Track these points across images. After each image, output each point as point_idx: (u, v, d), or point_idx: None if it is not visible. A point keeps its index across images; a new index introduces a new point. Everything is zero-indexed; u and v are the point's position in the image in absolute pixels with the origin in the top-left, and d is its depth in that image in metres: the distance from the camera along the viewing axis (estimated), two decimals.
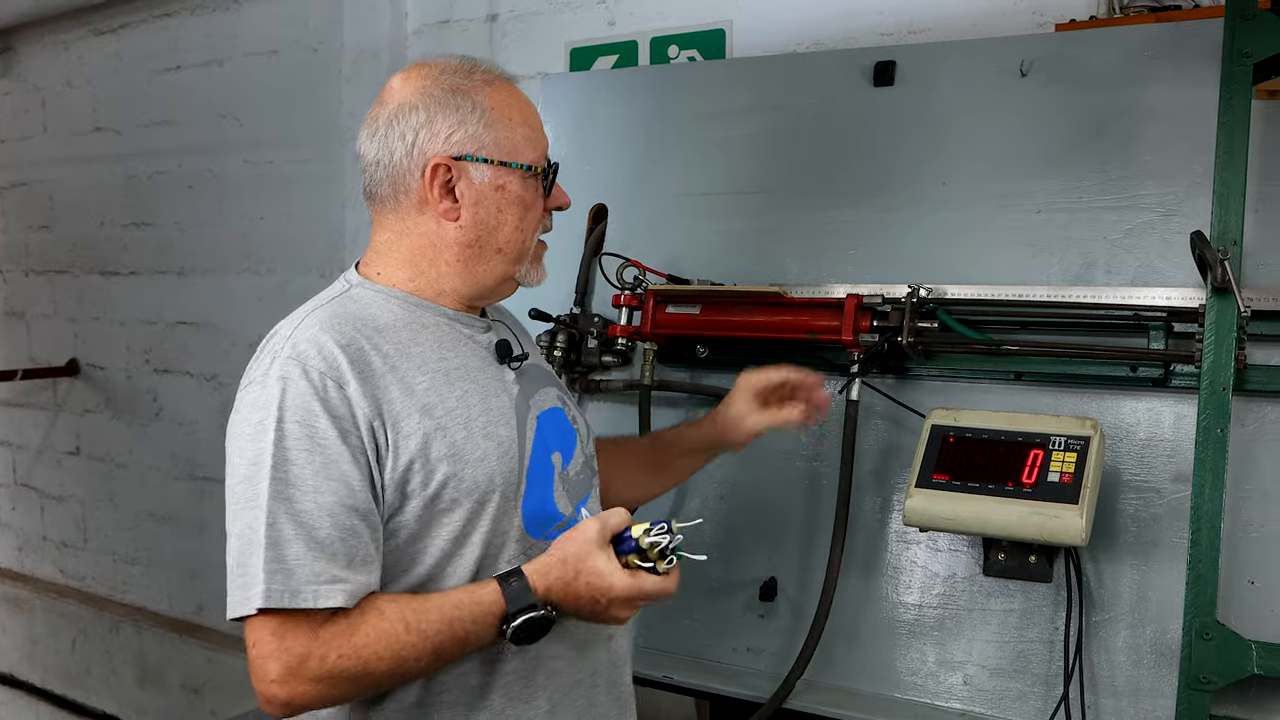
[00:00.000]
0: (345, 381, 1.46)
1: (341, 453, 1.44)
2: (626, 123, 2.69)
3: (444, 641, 1.44)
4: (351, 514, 1.43)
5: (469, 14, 3.75)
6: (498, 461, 1.56)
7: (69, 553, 5.53)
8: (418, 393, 1.52)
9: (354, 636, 1.41)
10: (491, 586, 1.47)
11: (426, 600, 1.46)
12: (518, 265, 1.64)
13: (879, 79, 2.38)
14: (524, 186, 1.61)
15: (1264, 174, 1.95)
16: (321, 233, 4.12)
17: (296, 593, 1.39)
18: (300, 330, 1.51)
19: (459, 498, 1.52)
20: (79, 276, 5.27)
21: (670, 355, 2.42)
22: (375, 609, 1.43)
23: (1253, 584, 1.88)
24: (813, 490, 2.25)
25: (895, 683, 2.09)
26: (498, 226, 1.60)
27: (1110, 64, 2.17)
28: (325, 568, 1.40)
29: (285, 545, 1.40)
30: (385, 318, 1.57)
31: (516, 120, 1.61)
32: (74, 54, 5.14)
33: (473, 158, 1.57)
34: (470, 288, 1.63)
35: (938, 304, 2.12)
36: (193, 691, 4.90)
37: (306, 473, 1.42)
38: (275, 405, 1.44)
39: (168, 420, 4.94)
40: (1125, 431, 2.02)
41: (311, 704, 1.43)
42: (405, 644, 1.42)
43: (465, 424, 1.54)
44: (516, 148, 1.60)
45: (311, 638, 1.40)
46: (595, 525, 1.47)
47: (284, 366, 1.46)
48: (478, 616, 1.45)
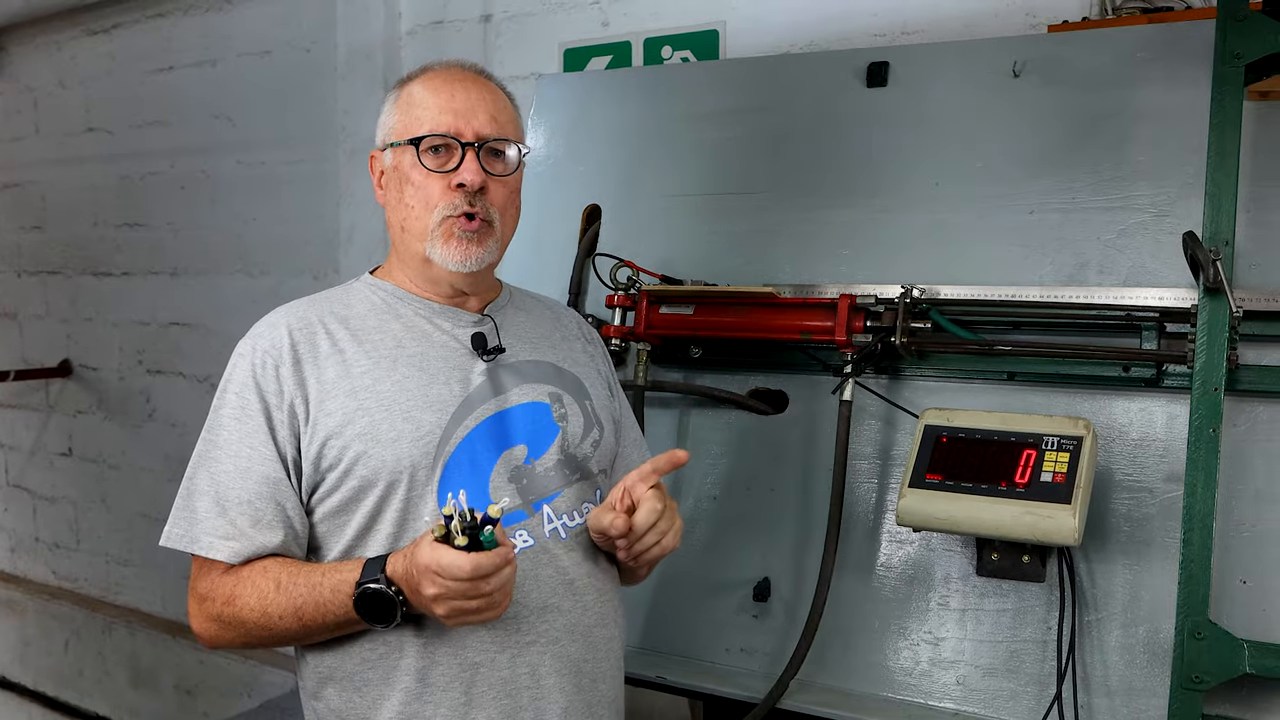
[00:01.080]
0: (281, 361, 1.61)
1: (261, 424, 1.59)
2: (620, 123, 2.69)
3: (303, 604, 1.55)
4: (262, 481, 1.58)
5: (463, 14, 3.75)
6: (410, 444, 1.60)
7: (61, 554, 5.52)
8: (353, 375, 1.62)
9: (235, 587, 1.58)
10: (356, 563, 1.55)
11: (305, 569, 1.58)
12: (422, 242, 1.67)
13: (872, 80, 2.39)
14: (411, 162, 1.66)
15: (1256, 175, 1.96)
16: (315, 234, 4.12)
17: (195, 540, 1.60)
18: (270, 315, 1.69)
19: (370, 476, 1.59)
20: (71, 277, 5.26)
21: (664, 356, 2.42)
22: (262, 567, 1.58)
23: (1245, 583, 1.88)
24: (806, 490, 2.25)
25: (889, 682, 2.09)
26: (397, 204, 1.69)
27: (1102, 65, 2.18)
28: (224, 525, 1.58)
29: (197, 497, 1.61)
30: (361, 307, 1.71)
31: (418, 102, 1.67)
32: (66, 54, 5.13)
33: (383, 145, 1.71)
34: (413, 271, 1.71)
35: (931, 304, 2.13)
36: (185, 693, 4.89)
37: (233, 438, 1.60)
38: (226, 378, 1.64)
39: (161, 421, 4.93)
40: (1118, 431, 2.03)
41: (215, 641, 1.63)
42: (271, 601, 1.55)
43: (388, 406, 1.61)
44: (408, 126, 1.67)
45: (208, 579, 1.61)
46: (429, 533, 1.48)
47: (242, 344, 1.66)
48: (335, 585, 1.53)
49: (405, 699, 1.59)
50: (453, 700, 1.59)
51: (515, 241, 2.74)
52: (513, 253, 2.68)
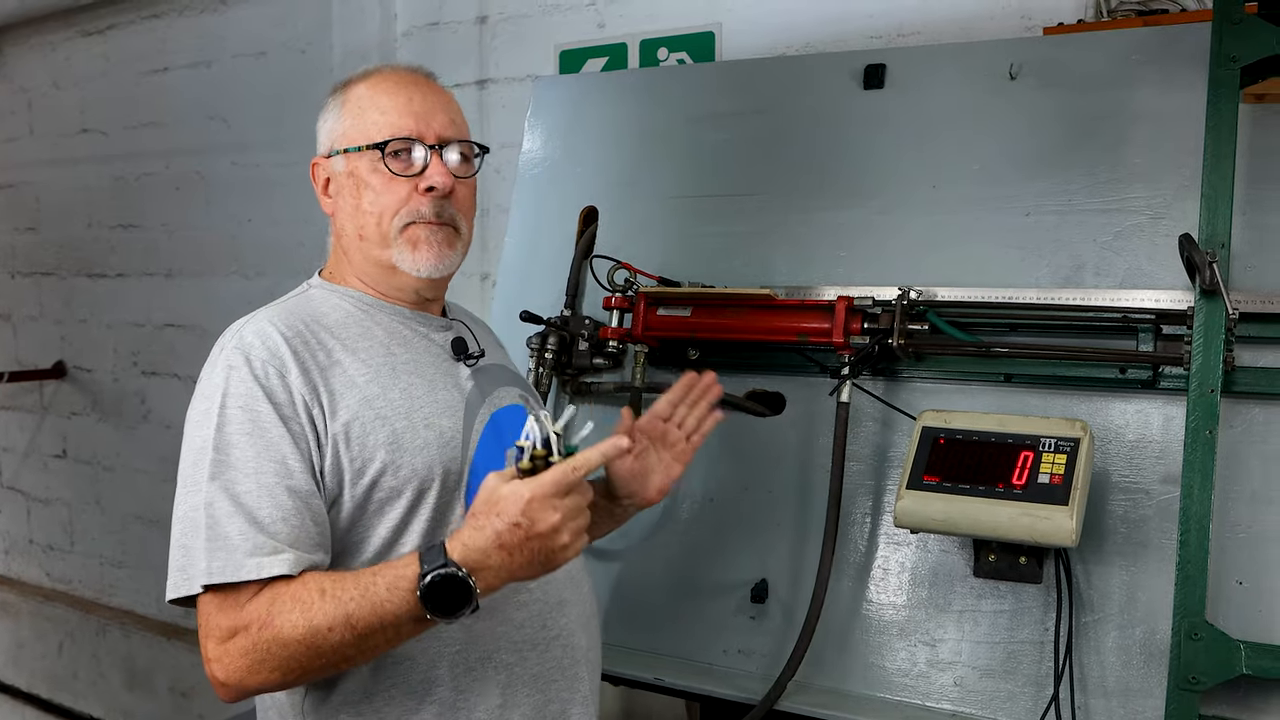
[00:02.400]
0: (287, 369, 1.50)
1: (282, 435, 1.47)
2: (616, 125, 2.69)
3: (355, 609, 1.38)
4: (292, 495, 1.45)
5: (458, 16, 3.75)
6: (438, 450, 1.57)
7: (56, 556, 5.50)
8: (359, 384, 1.55)
9: (272, 605, 1.40)
10: (409, 556, 1.41)
11: (349, 573, 1.44)
12: (384, 249, 1.63)
13: (869, 82, 2.39)
14: (370, 167, 1.61)
15: (1251, 177, 1.96)
16: (310, 235, 4.11)
17: (240, 566, 1.40)
18: (249, 323, 1.56)
19: (399, 486, 1.54)
20: (66, 278, 5.25)
21: (661, 357, 2.42)
22: (300, 580, 1.42)
23: (1241, 584, 1.88)
24: (804, 492, 2.25)
25: (886, 684, 2.10)
26: (353, 212, 1.64)
27: (1098, 67, 2.18)
28: (267, 541, 1.42)
29: (226, 523, 1.42)
30: (335, 315, 1.63)
31: (371, 105, 1.63)
32: (61, 55, 5.12)
33: (331, 152, 1.66)
34: (374, 279, 1.66)
35: (928, 306, 2.13)
36: (180, 695, 4.88)
37: (248, 455, 1.45)
38: (220, 392, 1.48)
39: (155, 423, 4.92)
40: (1114, 433, 2.03)
41: (245, 682, 1.41)
42: (318, 610, 1.38)
43: (407, 414, 1.57)
44: (364, 131, 1.62)
45: (237, 611, 1.40)
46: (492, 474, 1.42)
47: (230, 355, 1.51)
48: (391, 582, 1.38)
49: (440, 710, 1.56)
50: (490, 705, 1.58)
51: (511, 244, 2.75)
52: (509, 255, 2.70)
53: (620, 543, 2.34)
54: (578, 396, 2.53)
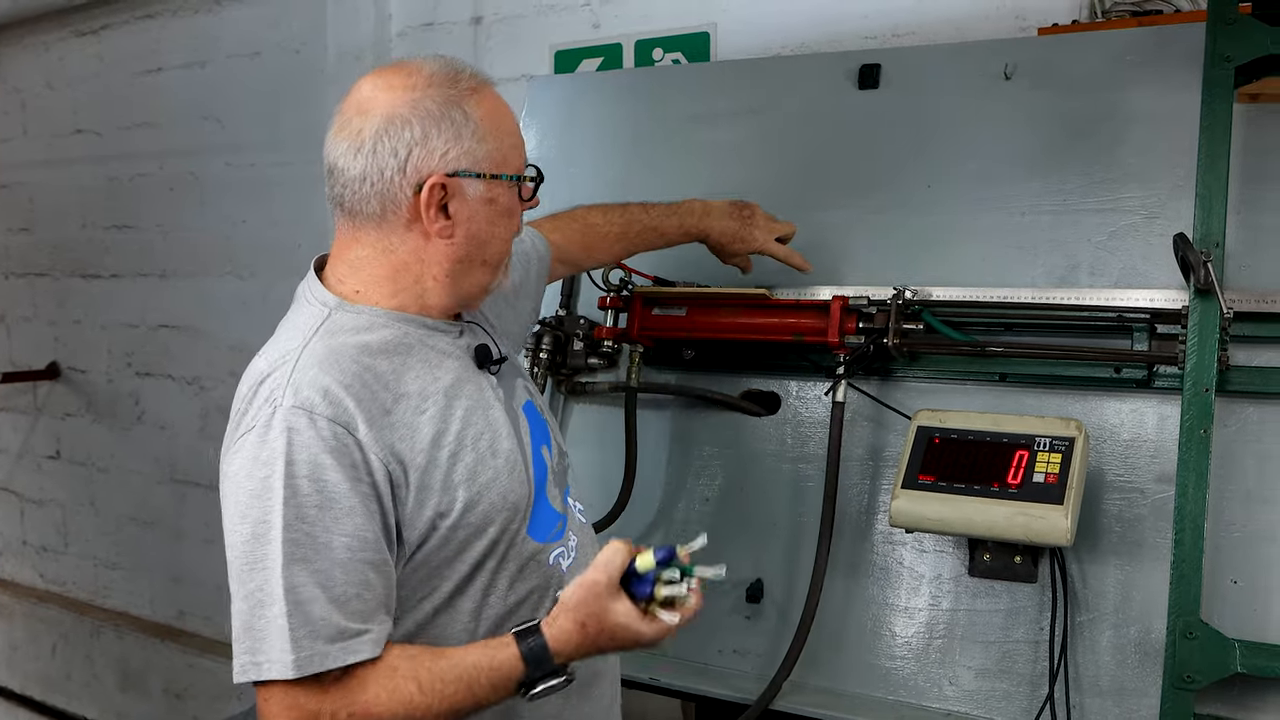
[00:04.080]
0: (355, 426, 1.41)
1: (354, 504, 1.40)
2: (611, 125, 2.69)
3: (460, 702, 1.42)
4: (366, 567, 1.40)
5: (453, 16, 3.74)
6: (509, 479, 1.55)
7: (49, 557, 5.49)
8: (423, 422, 1.48)
9: (365, 694, 1.38)
10: (510, 651, 1.43)
11: (440, 658, 1.43)
12: (498, 274, 1.61)
13: (864, 82, 2.39)
14: (509, 197, 1.57)
15: (1246, 177, 1.97)
16: (305, 236, 4.10)
17: (325, 655, 1.36)
18: (300, 373, 1.43)
19: (480, 523, 1.51)
20: (59, 279, 5.24)
21: (656, 357, 2.42)
22: (387, 666, 1.40)
23: (1236, 583, 1.89)
24: (799, 492, 2.25)
25: (881, 683, 2.10)
26: (488, 240, 1.56)
27: (1093, 68, 2.18)
28: (347, 624, 1.38)
29: (308, 607, 1.36)
30: (374, 341, 1.51)
31: (504, 130, 1.56)
32: (54, 55, 5.11)
33: (467, 173, 1.51)
34: (453, 300, 1.59)
35: (923, 306, 2.13)
36: (175, 696, 4.87)
37: (319, 529, 1.38)
38: (282, 459, 1.38)
39: (150, 424, 4.91)
40: (1109, 432, 2.03)
41: None
42: (418, 704, 1.40)
43: (474, 446, 1.52)
44: (505, 158, 1.55)
45: (323, 696, 1.37)
46: (603, 579, 1.43)
47: (289, 416, 1.40)
48: (496, 682, 1.43)
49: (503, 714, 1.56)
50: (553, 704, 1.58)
51: None
52: None
53: None
54: (573, 396, 2.53)
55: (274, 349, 1.52)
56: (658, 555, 1.44)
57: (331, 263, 1.61)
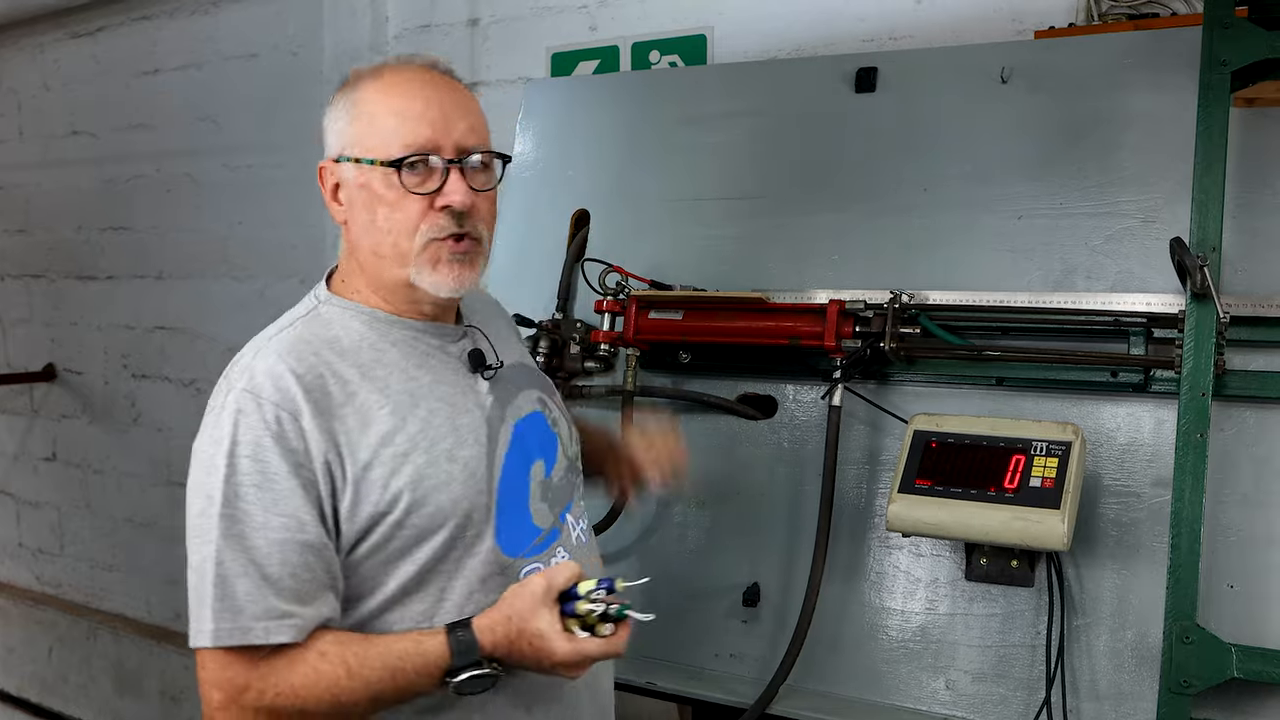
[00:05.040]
0: (300, 414, 1.44)
1: (292, 488, 1.42)
2: (608, 128, 2.69)
3: (384, 689, 1.43)
4: (304, 550, 1.42)
5: (450, 18, 3.74)
6: (463, 486, 1.52)
7: (45, 559, 5.48)
8: (378, 420, 1.48)
9: (293, 676, 1.41)
10: (439, 639, 1.45)
11: (371, 645, 1.45)
12: (404, 268, 1.52)
13: (860, 85, 2.39)
14: (385, 183, 1.49)
15: (1242, 181, 1.96)
16: (301, 237, 4.10)
17: (246, 630, 1.39)
18: (259, 359, 1.48)
19: (425, 526, 1.49)
20: (56, 281, 5.23)
21: (653, 361, 2.41)
22: (317, 650, 1.42)
23: (1232, 588, 1.88)
24: (796, 496, 2.25)
25: (878, 688, 2.09)
26: (367, 228, 1.52)
27: (1089, 71, 2.18)
28: (275, 604, 1.40)
29: (234, 582, 1.40)
30: (349, 338, 1.54)
31: (385, 109, 1.50)
32: (50, 57, 5.10)
33: (342, 158, 1.54)
34: (387, 293, 1.56)
35: (920, 309, 2.13)
36: (171, 699, 4.86)
37: (255, 509, 1.41)
38: (228, 439, 1.42)
39: (146, 426, 4.90)
40: (1106, 436, 2.03)
41: None
42: (344, 689, 1.42)
43: (428, 449, 1.50)
44: (380, 142, 1.49)
45: (252, 670, 1.40)
46: (542, 583, 1.45)
47: (239, 399, 1.44)
48: (421, 668, 1.44)
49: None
50: None
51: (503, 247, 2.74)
52: (501, 258, 2.69)
53: (611, 546, 2.33)
54: (569, 400, 2.52)
55: (259, 336, 1.56)
56: (599, 584, 1.46)
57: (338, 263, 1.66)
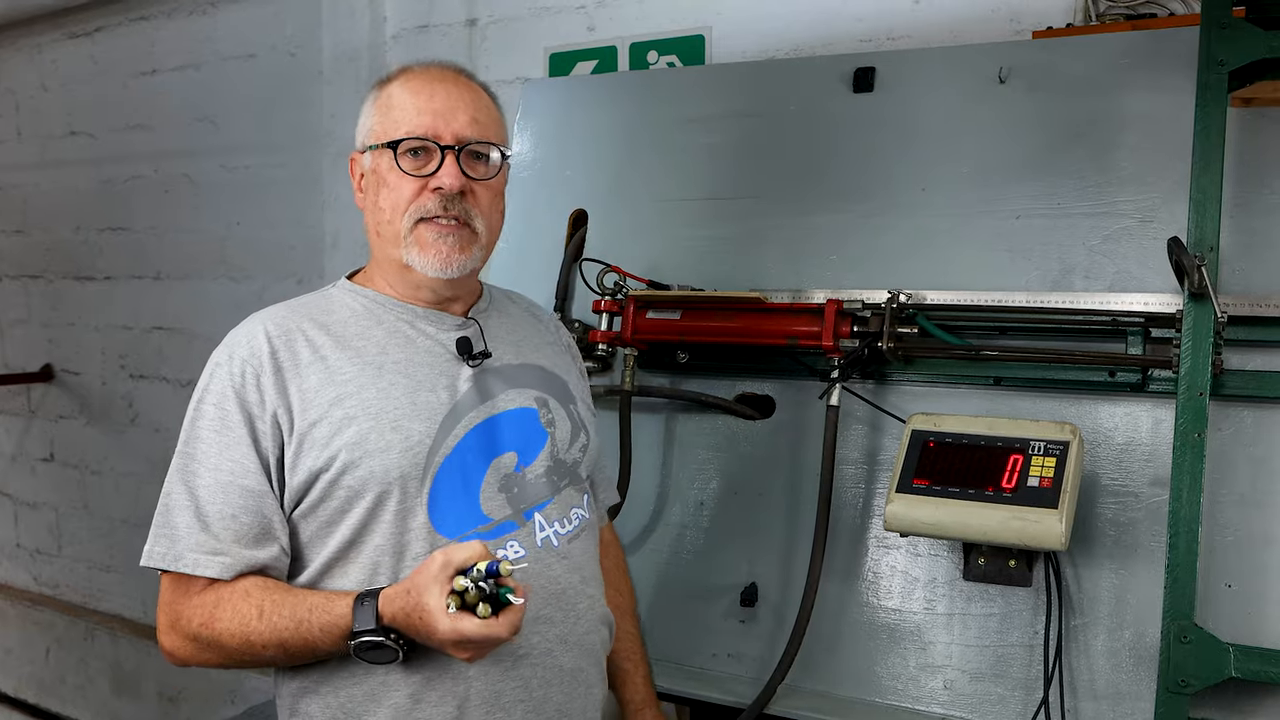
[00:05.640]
0: (262, 370, 1.57)
1: (242, 436, 1.55)
2: (606, 128, 2.69)
3: (290, 638, 1.50)
4: (245, 494, 1.54)
5: (448, 18, 3.74)
6: (400, 455, 1.57)
7: (43, 560, 5.48)
8: (337, 382, 1.58)
9: (215, 609, 1.52)
10: (345, 601, 1.49)
11: (288, 595, 1.53)
12: (396, 247, 1.63)
13: (858, 85, 2.39)
14: (388, 165, 1.63)
15: (1240, 180, 1.97)
16: (300, 238, 4.10)
17: (179, 558, 1.53)
18: (248, 320, 1.64)
19: (357, 487, 1.55)
20: (53, 281, 5.23)
21: (651, 361, 2.41)
22: (243, 589, 1.52)
23: (1230, 587, 1.88)
24: (793, 495, 2.25)
25: (876, 687, 2.09)
26: (374, 209, 1.67)
27: (1087, 71, 2.18)
28: (207, 540, 1.53)
29: (176, 513, 1.55)
30: (341, 313, 1.67)
31: (397, 103, 1.64)
32: (48, 57, 5.10)
33: (364, 147, 1.68)
34: (393, 277, 1.68)
35: (917, 309, 2.13)
36: (168, 699, 4.86)
37: (211, 450, 1.55)
38: (203, 388, 1.59)
39: (144, 426, 4.90)
40: (1104, 436, 2.03)
41: (188, 659, 1.57)
42: (254, 630, 1.51)
43: (376, 415, 1.57)
44: (389, 128, 1.63)
45: (185, 599, 1.54)
46: (441, 558, 1.42)
47: (219, 353, 1.61)
48: (325, 625, 1.49)
49: (394, 714, 1.55)
50: (445, 715, 1.56)
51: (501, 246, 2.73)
52: (499, 258, 2.69)
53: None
54: None
55: None
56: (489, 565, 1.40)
57: None
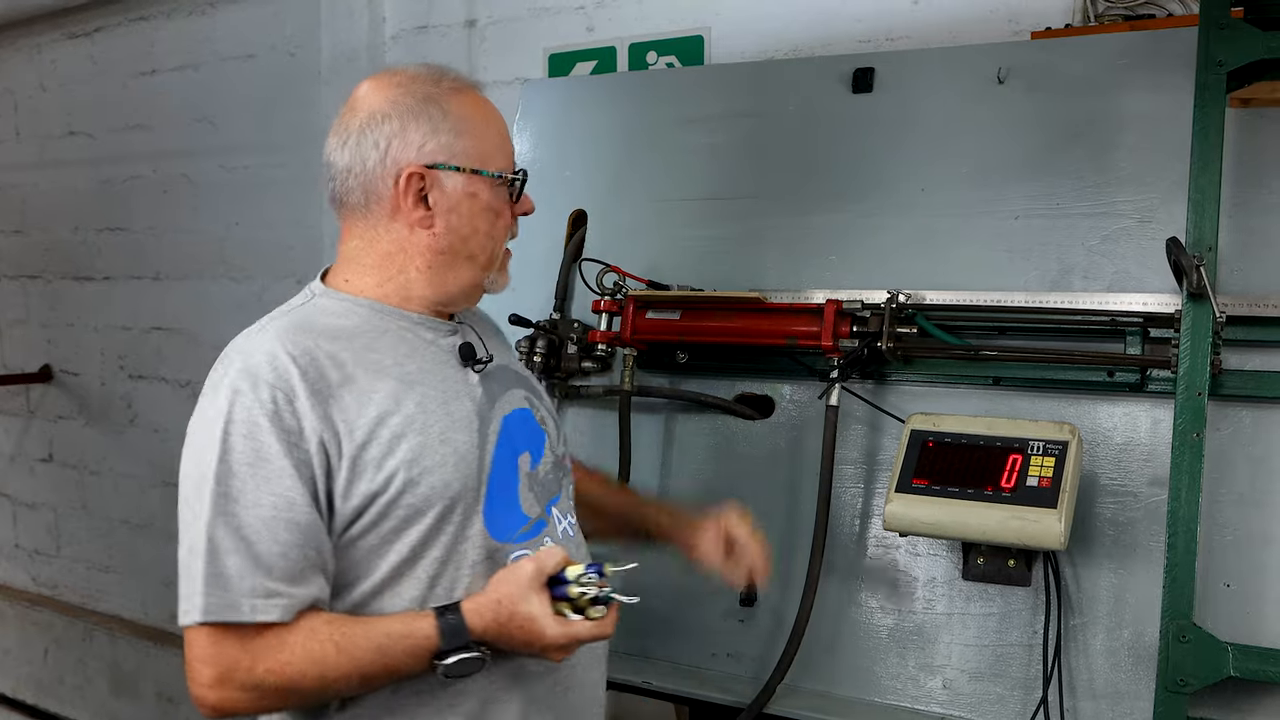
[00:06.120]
0: (295, 395, 1.46)
1: (285, 467, 1.44)
2: (605, 128, 2.69)
3: (372, 669, 1.46)
4: (293, 529, 1.44)
5: (447, 19, 3.74)
6: (455, 468, 1.55)
7: (41, 560, 5.47)
8: (374, 401, 1.52)
9: (282, 653, 1.43)
10: (428, 620, 1.48)
11: (360, 625, 1.48)
12: (487, 272, 1.65)
13: (857, 85, 2.39)
14: (494, 194, 1.62)
15: (1239, 181, 1.97)
16: (299, 238, 4.10)
17: (234, 606, 1.41)
18: (254, 340, 1.52)
19: (418, 505, 1.52)
20: (52, 282, 5.23)
21: (650, 361, 2.41)
22: (308, 628, 1.44)
23: (1229, 587, 1.89)
24: (793, 495, 2.25)
25: (875, 687, 2.10)
26: (470, 234, 1.61)
27: (1086, 71, 2.19)
28: (262, 582, 1.42)
29: (224, 558, 1.42)
30: (344, 325, 1.58)
31: (486, 128, 1.63)
32: (47, 57, 5.10)
33: (445, 166, 1.58)
34: (439, 294, 1.63)
35: (916, 309, 2.13)
36: (167, 700, 4.86)
37: (248, 486, 1.43)
38: (223, 418, 1.45)
39: (143, 427, 4.90)
40: (1103, 436, 2.04)
41: (240, 710, 1.46)
42: (332, 666, 1.44)
43: (422, 430, 1.54)
44: (487, 155, 1.61)
45: (242, 648, 1.42)
46: (531, 567, 1.49)
47: (235, 379, 1.47)
48: (410, 649, 1.46)
49: None
50: None
51: None
52: None
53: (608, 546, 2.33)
54: (567, 400, 2.52)
55: (252, 326, 1.59)
56: (588, 569, 1.50)
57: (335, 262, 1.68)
